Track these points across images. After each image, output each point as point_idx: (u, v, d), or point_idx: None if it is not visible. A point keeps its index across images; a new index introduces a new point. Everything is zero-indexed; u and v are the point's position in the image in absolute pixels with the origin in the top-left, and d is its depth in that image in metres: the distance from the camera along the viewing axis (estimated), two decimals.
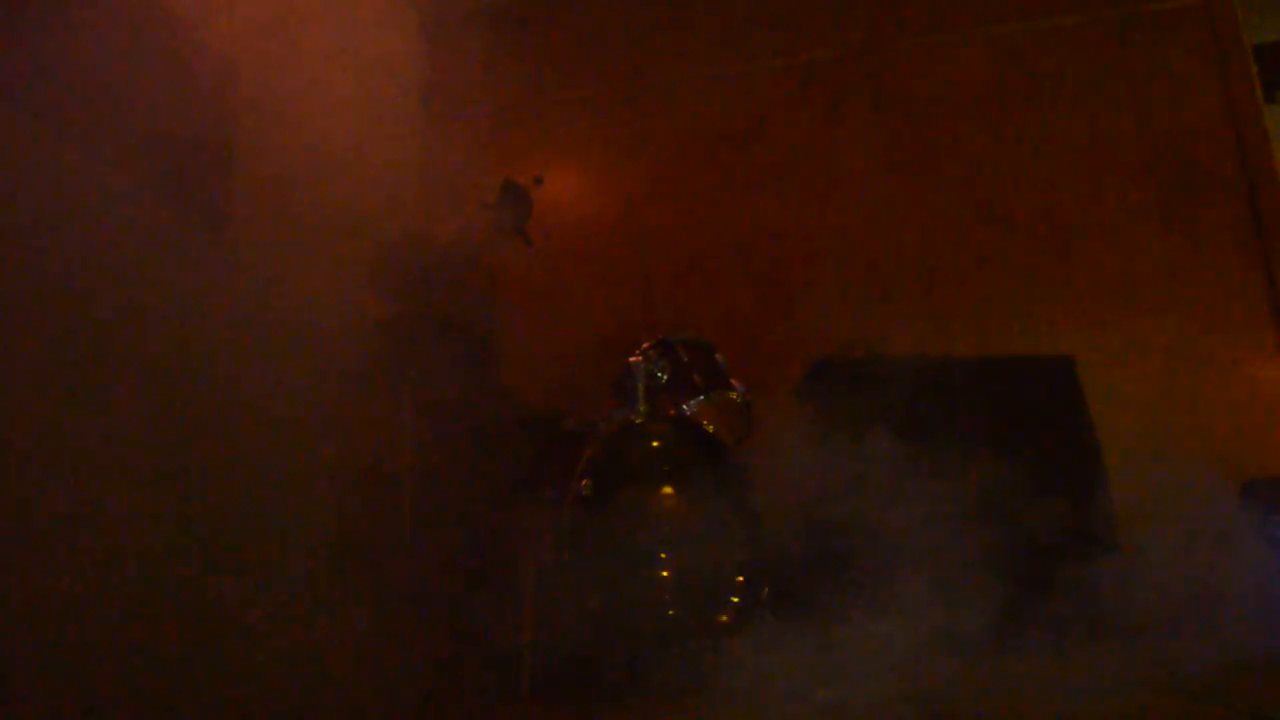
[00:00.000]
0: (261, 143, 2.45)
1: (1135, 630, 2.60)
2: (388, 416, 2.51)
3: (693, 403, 2.77)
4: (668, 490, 2.40)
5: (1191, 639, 2.48)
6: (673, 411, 2.71)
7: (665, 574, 2.29)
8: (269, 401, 1.87)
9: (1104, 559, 2.74)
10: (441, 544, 2.46)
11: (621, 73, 4.80)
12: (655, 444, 2.54)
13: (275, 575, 1.79)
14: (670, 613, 2.25)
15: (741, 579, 2.31)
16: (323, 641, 1.90)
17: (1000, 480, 2.79)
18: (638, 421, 2.59)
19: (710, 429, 2.64)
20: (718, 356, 2.94)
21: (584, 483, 2.41)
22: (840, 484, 2.67)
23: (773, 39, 4.66)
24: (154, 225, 1.64)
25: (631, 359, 2.77)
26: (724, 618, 2.25)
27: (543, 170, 3.15)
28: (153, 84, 2.08)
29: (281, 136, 2.50)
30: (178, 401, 1.57)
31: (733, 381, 2.91)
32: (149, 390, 1.49)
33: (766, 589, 2.33)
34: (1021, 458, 2.86)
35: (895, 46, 4.51)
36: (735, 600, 2.29)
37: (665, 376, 2.76)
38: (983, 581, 2.65)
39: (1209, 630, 2.58)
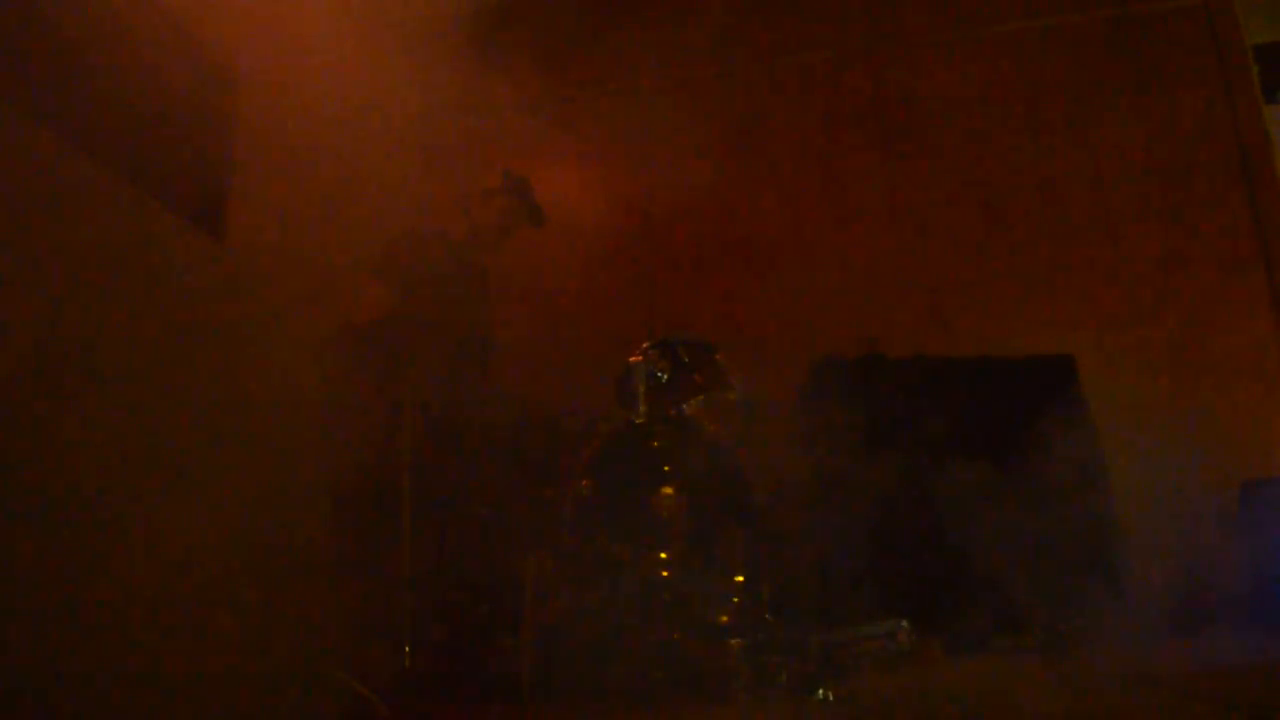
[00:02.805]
0: (261, 144, 2.46)
1: (1134, 629, 2.60)
2: (386, 417, 2.51)
3: (693, 403, 2.77)
4: (668, 490, 2.40)
5: (1190, 638, 2.48)
6: (673, 411, 2.71)
7: (665, 574, 2.29)
8: (267, 401, 1.88)
9: (1103, 559, 2.75)
10: (440, 545, 2.46)
11: (622, 73, 4.80)
12: (655, 444, 2.54)
13: (272, 576, 1.79)
14: (670, 613, 2.25)
15: (741, 579, 2.31)
16: (320, 642, 1.90)
17: (999, 480, 2.79)
18: (638, 421, 2.59)
19: (710, 429, 2.64)
20: (718, 356, 2.94)
21: (584, 483, 2.41)
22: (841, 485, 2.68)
23: (773, 39, 4.66)
24: (154, 225, 1.65)
25: (631, 359, 2.77)
26: (724, 618, 2.25)
27: (543, 172, 3.15)
28: (153, 84, 2.09)
29: (281, 137, 2.50)
30: (175, 401, 1.57)
31: (733, 381, 2.91)
32: (146, 390, 1.49)
33: (766, 588, 2.34)
34: (1021, 457, 2.86)
35: (895, 46, 4.51)
36: (735, 600, 2.29)
37: (665, 376, 2.76)
38: (982, 582, 2.66)
39: (1208, 629, 2.59)
